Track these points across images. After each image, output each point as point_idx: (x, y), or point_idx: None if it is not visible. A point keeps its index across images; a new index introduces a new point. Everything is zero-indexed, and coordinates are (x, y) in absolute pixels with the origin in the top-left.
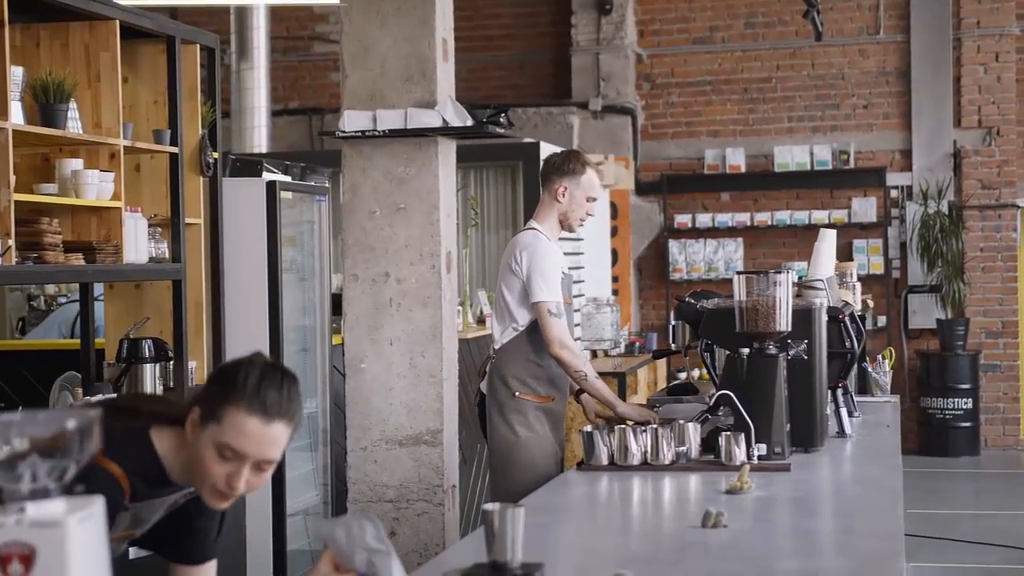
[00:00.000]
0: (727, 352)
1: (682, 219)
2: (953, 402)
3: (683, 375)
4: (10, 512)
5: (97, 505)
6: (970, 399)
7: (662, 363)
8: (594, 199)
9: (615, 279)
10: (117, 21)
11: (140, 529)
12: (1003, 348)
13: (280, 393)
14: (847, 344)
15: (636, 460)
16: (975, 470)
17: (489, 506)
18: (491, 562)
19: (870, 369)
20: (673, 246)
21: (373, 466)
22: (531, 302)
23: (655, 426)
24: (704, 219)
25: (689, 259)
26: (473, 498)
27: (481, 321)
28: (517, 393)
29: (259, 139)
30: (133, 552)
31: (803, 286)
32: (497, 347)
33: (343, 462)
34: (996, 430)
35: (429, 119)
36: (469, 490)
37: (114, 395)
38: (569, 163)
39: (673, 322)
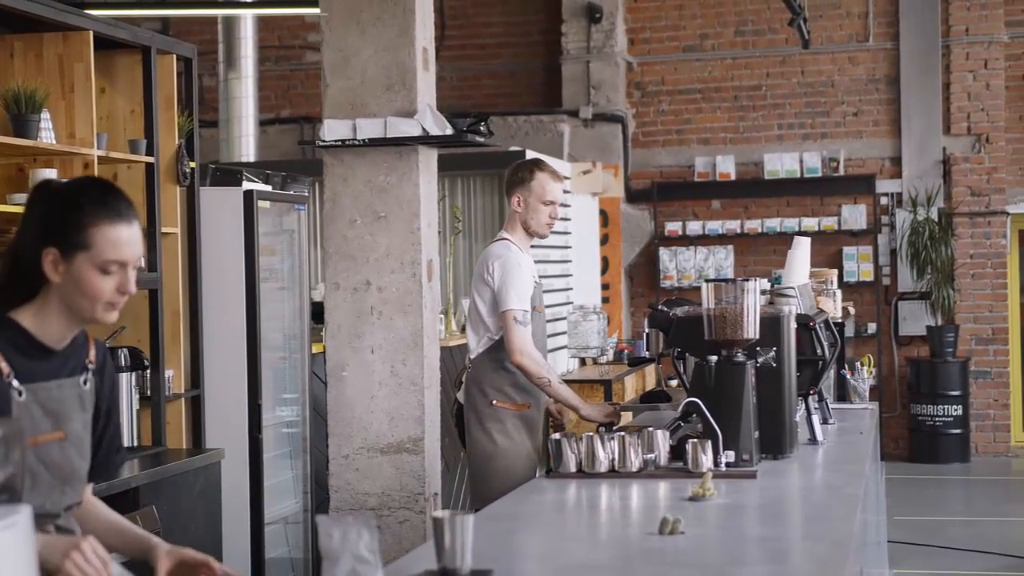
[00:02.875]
0: (696, 359)
1: (672, 227)
2: (943, 409)
3: (674, 383)
4: None
5: (23, 514)
6: (960, 406)
7: (651, 370)
8: (551, 202)
9: (606, 287)
10: (91, 32)
11: (65, 426)
12: (993, 355)
13: (119, 196)
14: (818, 351)
15: (604, 467)
16: (965, 477)
17: (438, 514)
18: (440, 569)
19: (848, 376)
20: (664, 254)
21: (355, 474)
22: (500, 310)
23: (623, 434)
24: (695, 227)
25: (680, 267)
26: (455, 506)
27: (464, 329)
28: (494, 402)
29: (247, 148)
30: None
31: (775, 293)
32: (472, 356)
33: (324, 470)
34: (986, 437)
35: (409, 128)
36: (452, 498)
37: None
38: (518, 172)
39: (647, 330)
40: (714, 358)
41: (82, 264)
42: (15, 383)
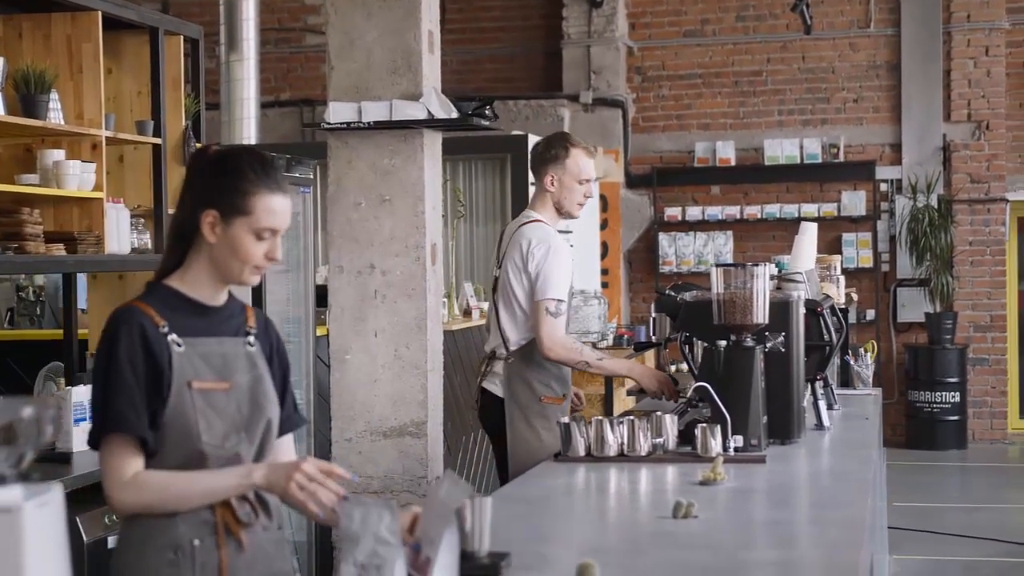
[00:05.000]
0: (705, 344)
1: (672, 212)
2: (941, 395)
3: (673, 367)
4: None
5: (56, 492)
6: (958, 393)
7: (650, 355)
8: (586, 180)
9: (605, 271)
10: (99, 12)
11: (231, 377)
12: (991, 342)
13: (276, 168)
14: (826, 337)
15: (613, 451)
16: (962, 463)
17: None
18: (459, 551)
19: (852, 362)
20: (663, 239)
21: (358, 457)
22: (534, 299)
23: (632, 418)
24: (694, 212)
25: (679, 252)
26: None
27: (467, 313)
28: (543, 398)
29: (248, 130)
30: (112, 541)
31: (782, 279)
32: (513, 348)
33: (327, 453)
34: (983, 424)
35: (414, 111)
36: None
37: None
38: (551, 149)
39: (654, 314)
40: (723, 343)
41: (240, 228)
42: (173, 336)
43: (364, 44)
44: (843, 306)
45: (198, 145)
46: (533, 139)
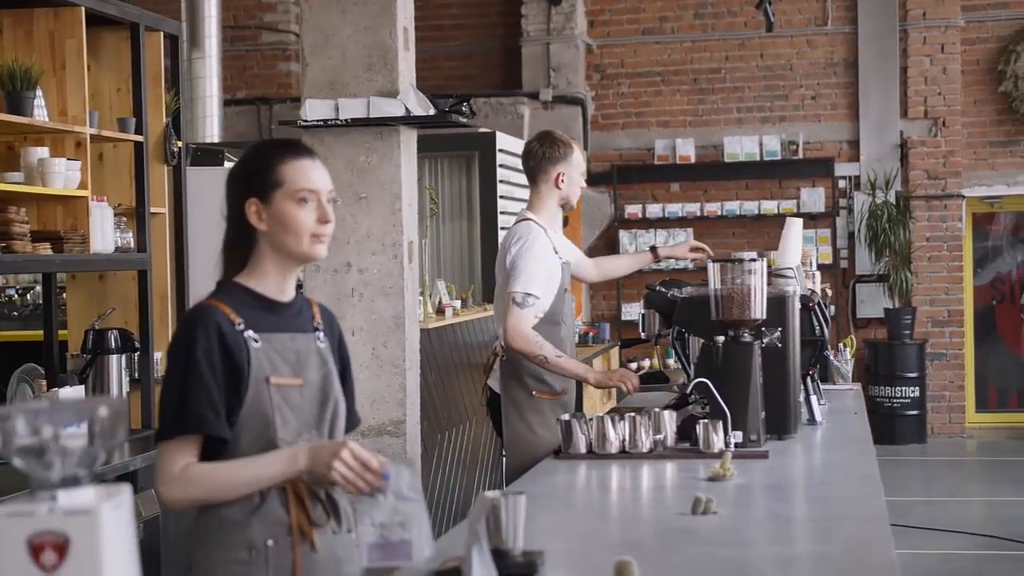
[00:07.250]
0: (702, 340)
1: (632, 209)
2: (900, 390)
3: (634, 365)
4: (42, 501)
5: (126, 494)
6: (917, 387)
7: (615, 352)
8: (583, 173)
9: None
10: (82, 8)
11: (304, 373)
12: (949, 337)
13: (299, 141)
14: (817, 331)
15: (614, 448)
16: (922, 457)
17: (491, 494)
18: (493, 549)
19: (832, 358)
20: (624, 236)
21: None
22: (506, 290)
23: (633, 415)
24: (654, 209)
25: (640, 249)
26: (435, 488)
27: (440, 311)
28: (535, 392)
29: (211, 129)
30: None
31: (773, 274)
32: (504, 345)
33: None
34: (942, 418)
35: (392, 108)
36: (431, 480)
37: None
38: (557, 148)
39: (643, 311)
40: (721, 338)
41: (280, 201)
42: (249, 332)
43: (339, 41)
44: (822, 301)
45: (179, 143)
46: (501, 137)
